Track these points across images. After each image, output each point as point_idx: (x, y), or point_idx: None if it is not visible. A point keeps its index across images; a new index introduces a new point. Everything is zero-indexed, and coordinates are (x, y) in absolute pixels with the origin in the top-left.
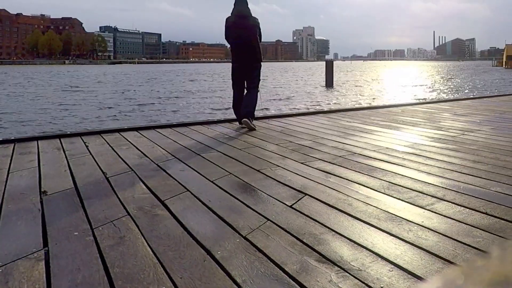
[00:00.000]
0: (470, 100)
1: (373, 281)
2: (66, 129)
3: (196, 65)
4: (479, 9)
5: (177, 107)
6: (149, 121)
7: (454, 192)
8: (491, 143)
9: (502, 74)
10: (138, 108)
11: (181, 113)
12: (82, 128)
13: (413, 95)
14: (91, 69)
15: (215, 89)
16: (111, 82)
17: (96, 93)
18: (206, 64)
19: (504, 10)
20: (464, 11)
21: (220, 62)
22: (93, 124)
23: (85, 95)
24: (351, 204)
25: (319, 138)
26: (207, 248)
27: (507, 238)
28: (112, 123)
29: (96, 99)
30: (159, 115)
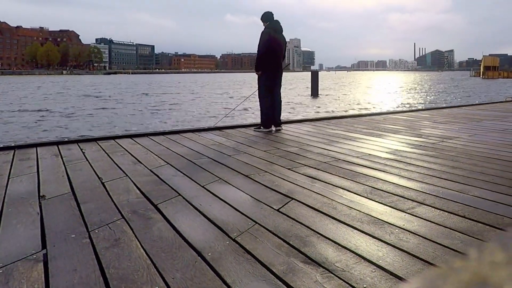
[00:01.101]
0: (449, 109)
1: (356, 282)
2: (63, 136)
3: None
4: (456, 21)
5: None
6: (143, 129)
7: (434, 196)
8: (469, 150)
9: (480, 84)
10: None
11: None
12: (78, 135)
13: (395, 103)
14: (89, 78)
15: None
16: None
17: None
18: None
19: (480, 23)
20: (441, 23)
21: (210, 73)
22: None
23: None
24: (335, 208)
25: (305, 145)
26: (198, 250)
27: (484, 241)
28: (107, 129)
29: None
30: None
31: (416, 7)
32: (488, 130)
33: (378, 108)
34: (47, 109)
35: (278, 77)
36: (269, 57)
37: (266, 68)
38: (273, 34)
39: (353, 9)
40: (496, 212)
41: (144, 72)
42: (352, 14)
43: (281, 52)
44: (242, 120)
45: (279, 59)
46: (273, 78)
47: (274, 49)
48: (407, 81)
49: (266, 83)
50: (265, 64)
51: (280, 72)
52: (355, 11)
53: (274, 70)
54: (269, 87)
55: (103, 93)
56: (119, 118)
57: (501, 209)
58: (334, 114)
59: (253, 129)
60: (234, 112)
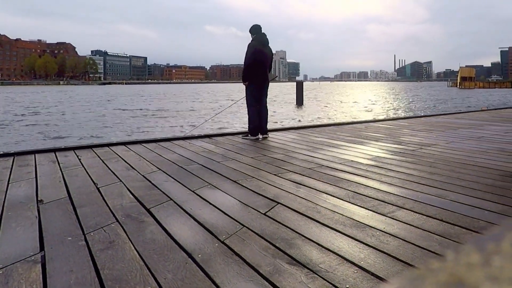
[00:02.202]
0: (427, 118)
1: (339, 282)
2: (60, 144)
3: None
4: (434, 32)
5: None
6: (136, 136)
7: (413, 201)
8: (446, 156)
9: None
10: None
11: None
12: (75, 143)
13: (376, 112)
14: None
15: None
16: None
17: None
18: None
19: (457, 35)
20: (419, 34)
21: (200, 83)
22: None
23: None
24: (319, 212)
25: (290, 152)
26: (188, 252)
27: (461, 243)
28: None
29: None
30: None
31: (393, 18)
32: (464, 138)
33: (360, 116)
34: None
35: (264, 87)
36: (255, 68)
37: (253, 79)
38: (259, 46)
39: (329, 20)
40: (472, 216)
41: (137, 83)
42: (329, 24)
43: (267, 64)
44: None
45: (265, 70)
46: (260, 88)
47: (260, 61)
48: (388, 91)
49: (253, 94)
50: (252, 75)
51: (266, 83)
52: (332, 22)
53: (261, 81)
54: (256, 97)
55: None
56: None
57: (477, 212)
58: (318, 123)
59: (241, 137)
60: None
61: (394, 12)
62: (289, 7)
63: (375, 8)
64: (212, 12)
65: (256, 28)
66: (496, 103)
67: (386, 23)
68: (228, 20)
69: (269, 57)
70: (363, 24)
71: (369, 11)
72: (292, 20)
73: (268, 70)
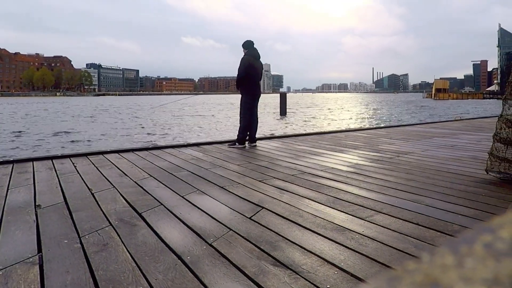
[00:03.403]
0: (404, 127)
1: (321, 282)
2: (57, 152)
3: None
4: (408, 45)
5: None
6: (129, 145)
7: (390, 206)
8: (422, 164)
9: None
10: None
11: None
12: (70, 151)
13: (355, 122)
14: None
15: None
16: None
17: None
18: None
19: (432, 49)
20: (394, 46)
21: (189, 94)
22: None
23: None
24: (302, 216)
25: (275, 160)
26: (178, 254)
27: (435, 246)
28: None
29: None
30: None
31: (367, 30)
32: (439, 146)
33: (340, 125)
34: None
35: (257, 98)
36: (248, 81)
37: (247, 91)
38: (252, 61)
39: (304, 31)
40: (446, 220)
41: (129, 94)
42: (304, 36)
43: (259, 76)
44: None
45: (258, 82)
46: (253, 99)
47: (252, 74)
48: (367, 102)
49: (247, 104)
50: (246, 87)
51: (259, 94)
52: (307, 34)
53: (254, 92)
54: (250, 107)
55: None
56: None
57: (451, 217)
58: (301, 132)
59: (227, 145)
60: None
61: (368, 24)
62: (263, 18)
63: (349, 20)
64: (183, 24)
65: (248, 43)
66: (469, 113)
67: (360, 35)
68: (202, 30)
69: (260, 70)
70: (338, 36)
71: (343, 23)
72: (267, 31)
73: (259, 82)
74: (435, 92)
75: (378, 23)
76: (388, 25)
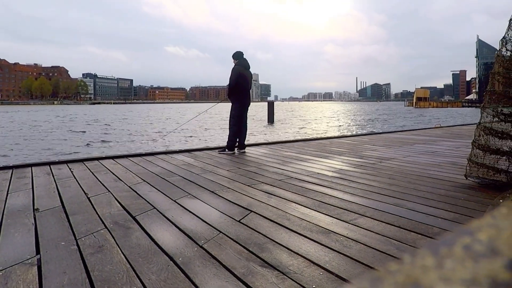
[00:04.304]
0: (386, 134)
1: (307, 283)
2: (54, 158)
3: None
4: (390, 54)
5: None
6: (123, 151)
7: (373, 209)
8: (403, 169)
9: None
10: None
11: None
12: (68, 157)
13: (340, 129)
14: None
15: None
16: None
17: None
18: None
19: (413, 59)
20: (375, 55)
21: (180, 103)
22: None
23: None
24: (288, 219)
25: (263, 165)
26: (170, 256)
27: (417, 247)
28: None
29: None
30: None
31: (348, 39)
32: (420, 152)
33: (325, 133)
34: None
35: (246, 107)
36: (239, 90)
37: (237, 99)
38: (242, 71)
39: (285, 40)
40: (427, 223)
41: (124, 102)
42: (285, 44)
43: (249, 86)
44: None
45: (248, 91)
46: (243, 107)
47: (243, 83)
48: (350, 110)
49: (237, 112)
50: (236, 95)
51: (248, 102)
52: (288, 42)
53: (244, 100)
54: (240, 115)
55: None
56: None
57: (431, 220)
58: (287, 139)
59: (217, 151)
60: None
61: (349, 33)
62: (242, 27)
63: (329, 29)
64: (167, 33)
65: (238, 54)
66: (449, 121)
67: (342, 44)
68: (186, 41)
69: (250, 80)
70: (320, 46)
71: (323, 32)
72: (247, 40)
73: (249, 91)
74: (416, 101)
75: (358, 32)
76: (368, 33)
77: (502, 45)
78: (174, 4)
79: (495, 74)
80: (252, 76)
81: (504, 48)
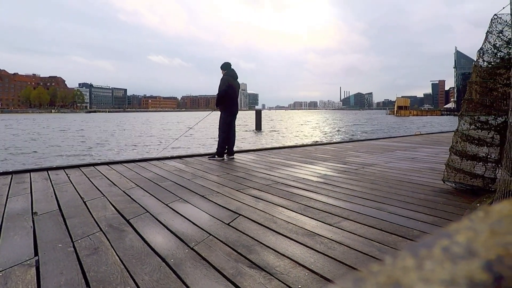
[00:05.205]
0: (369, 141)
1: (293, 283)
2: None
3: None
4: (372, 63)
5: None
6: (118, 157)
7: (356, 213)
8: (385, 175)
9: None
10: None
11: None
12: (65, 163)
13: (324, 136)
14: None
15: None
16: None
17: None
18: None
19: (394, 69)
20: (358, 65)
21: (172, 111)
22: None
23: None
24: (275, 222)
25: (251, 171)
26: (162, 257)
27: (398, 249)
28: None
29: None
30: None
31: (328, 48)
32: (401, 158)
33: (310, 140)
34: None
35: (235, 115)
36: (228, 99)
37: (226, 108)
38: (231, 81)
39: (268, 50)
40: (407, 226)
41: (118, 111)
42: (267, 53)
43: (237, 95)
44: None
45: (236, 100)
46: (232, 116)
47: (231, 93)
48: (334, 118)
49: (226, 120)
50: (225, 104)
51: (236, 111)
52: (270, 51)
53: (233, 109)
54: (228, 124)
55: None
56: None
57: (411, 223)
58: (274, 145)
59: (208, 158)
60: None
61: (330, 42)
62: (225, 35)
63: (311, 38)
64: (148, 42)
65: (226, 65)
66: (428, 128)
67: (323, 53)
68: (168, 50)
69: (237, 89)
70: (302, 55)
71: (305, 41)
72: (229, 49)
73: (237, 100)
74: (397, 109)
75: (339, 40)
76: (348, 42)
77: (480, 56)
78: (150, 12)
79: (472, 83)
80: (240, 86)
81: (481, 59)
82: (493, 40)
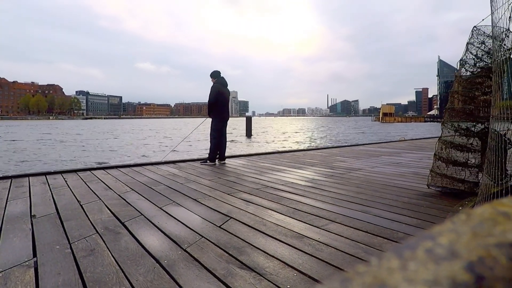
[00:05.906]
0: (355, 146)
1: (282, 283)
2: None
3: None
4: (356, 70)
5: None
6: (113, 162)
7: (343, 216)
8: (370, 179)
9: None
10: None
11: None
12: (62, 167)
13: (312, 142)
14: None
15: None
16: None
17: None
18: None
19: (379, 77)
20: (343, 73)
21: (165, 118)
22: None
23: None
24: (265, 225)
25: (241, 175)
26: (156, 258)
27: (383, 251)
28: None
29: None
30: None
31: (314, 55)
32: (386, 163)
33: (299, 145)
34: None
35: (226, 121)
36: (218, 106)
37: (217, 115)
38: (221, 89)
39: (252, 57)
40: (392, 228)
41: (113, 118)
42: (256, 61)
43: (227, 102)
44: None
45: (226, 108)
46: (223, 122)
47: (221, 100)
48: (323, 124)
49: (217, 127)
50: (216, 111)
51: (227, 118)
52: (259, 60)
53: (224, 115)
54: (219, 129)
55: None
56: None
57: (396, 225)
58: (264, 151)
59: (200, 163)
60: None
61: (315, 49)
62: (210, 42)
63: (296, 46)
64: (132, 50)
65: (216, 73)
66: (412, 134)
67: (307, 60)
68: (155, 57)
69: (228, 96)
70: (288, 62)
71: (290, 49)
72: (214, 57)
73: (228, 107)
74: (382, 116)
75: (325, 48)
76: (333, 49)
77: (461, 66)
78: (131, 17)
79: (454, 92)
80: (230, 93)
81: (463, 68)
82: (475, 51)
